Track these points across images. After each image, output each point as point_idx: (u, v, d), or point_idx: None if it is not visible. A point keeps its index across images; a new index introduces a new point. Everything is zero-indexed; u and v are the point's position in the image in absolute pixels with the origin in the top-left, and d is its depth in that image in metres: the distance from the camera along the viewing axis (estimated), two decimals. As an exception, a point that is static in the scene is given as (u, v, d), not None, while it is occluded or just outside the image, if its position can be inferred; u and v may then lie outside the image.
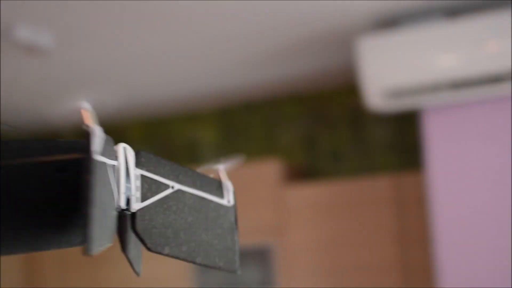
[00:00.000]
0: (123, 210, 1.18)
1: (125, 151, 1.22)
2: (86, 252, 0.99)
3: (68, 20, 3.48)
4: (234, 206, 1.41)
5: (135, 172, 1.22)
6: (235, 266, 1.33)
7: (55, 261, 4.94)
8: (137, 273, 1.28)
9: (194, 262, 1.27)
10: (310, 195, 4.32)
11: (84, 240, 1.01)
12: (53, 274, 4.99)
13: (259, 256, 4.41)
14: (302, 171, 4.76)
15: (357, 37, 3.71)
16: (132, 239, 1.21)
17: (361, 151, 4.66)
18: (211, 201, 1.35)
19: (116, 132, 5.31)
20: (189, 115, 5.17)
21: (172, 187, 1.28)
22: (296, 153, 4.84)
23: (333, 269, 4.18)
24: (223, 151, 5.05)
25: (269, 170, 4.45)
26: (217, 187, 1.38)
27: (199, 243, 1.29)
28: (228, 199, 1.40)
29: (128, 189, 1.19)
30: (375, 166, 4.60)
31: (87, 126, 1.08)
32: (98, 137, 1.09)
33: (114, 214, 1.14)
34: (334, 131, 4.75)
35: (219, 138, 5.08)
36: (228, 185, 1.41)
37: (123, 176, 1.19)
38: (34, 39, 3.53)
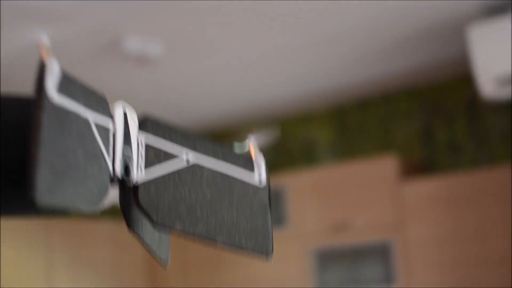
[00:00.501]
0: (122, 180, 1.03)
1: (124, 113, 1.06)
2: (33, 199, 0.84)
3: (176, 29, 3.56)
4: (267, 185, 1.18)
5: (138, 137, 1.07)
6: (267, 249, 1.14)
7: (176, 263, 5.05)
8: (161, 263, 1.13)
9: (214, 241, 1.09)
10: (428, 189, 4.25)
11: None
12: (175, 277, 5.10)
13: (379, 253, 4.37)
14: (420, 166, 4.68)
15: (468, 27, 3.63)
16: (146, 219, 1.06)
17: (479, 142, 4.54)
18: (236, 178, 1.15)
19: (233, 135, 5.38)
20: (303, 115, 5.18)
21: (186, 158, 1.11)
22: (413, 148, 4.77)
23: (454, 264, 4.09)
24: (339, 150, 5.03)
25: (386, 166, 4.40)
26: (245, 163, 1.17)
27: (221, 222, 1.11)
28: (258, 177, 1.17)
29: (127, 156, 1.04)
30: (493, 156, 4.47)
31: (42, 60, 0.93)
32: (52, 73, 0.93)
33: (101, 177, 0.99)
34: (451, 123, 4.64)
35: (334, 137, 5.06)
36: (259, 161, 1.18)
37: (119, 140, 1.03)
38: (143, 49, 3.63)
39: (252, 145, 1.19)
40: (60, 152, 0.90)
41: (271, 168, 5.07)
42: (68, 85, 0.95)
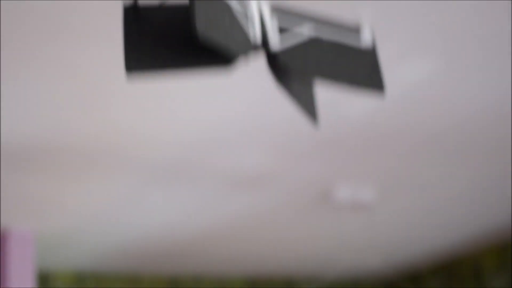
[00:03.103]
0: (264, 46, 1.29)
1: None
2: (195, 29, 1.13)
3: (387, 173, 3.60)
4: (374, 47, 1.42)
5: (269, 10, 1.33)
6: (381, 85, 1.36)
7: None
8: (310, 118, 1.35)
9: (336, 82, 1.32)
10: None
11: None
12: None
13: None
14: None
15: None
16: (296, 81, 1.33)
17: None
18: (349, 45, 1.40)
19: (463, 268, 5.14)
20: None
21: (309, 28, 1.37)
22: None
23: None
24: None
25: None
26: (357, 32, 1.43)
27: (341, 75, 1.35)
28: (364, 40, 1.42)
29: (263, 25, 1.30)
30: None
31: None
32: None
33: (245, 39, 1.25)
34: None
35: None
36: (365, 28, 1.44)
37: (254, 8, 1.29)
38: (355, 196, 3.69)
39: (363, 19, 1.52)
40: (212, 11, 1.18)
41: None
42: None
